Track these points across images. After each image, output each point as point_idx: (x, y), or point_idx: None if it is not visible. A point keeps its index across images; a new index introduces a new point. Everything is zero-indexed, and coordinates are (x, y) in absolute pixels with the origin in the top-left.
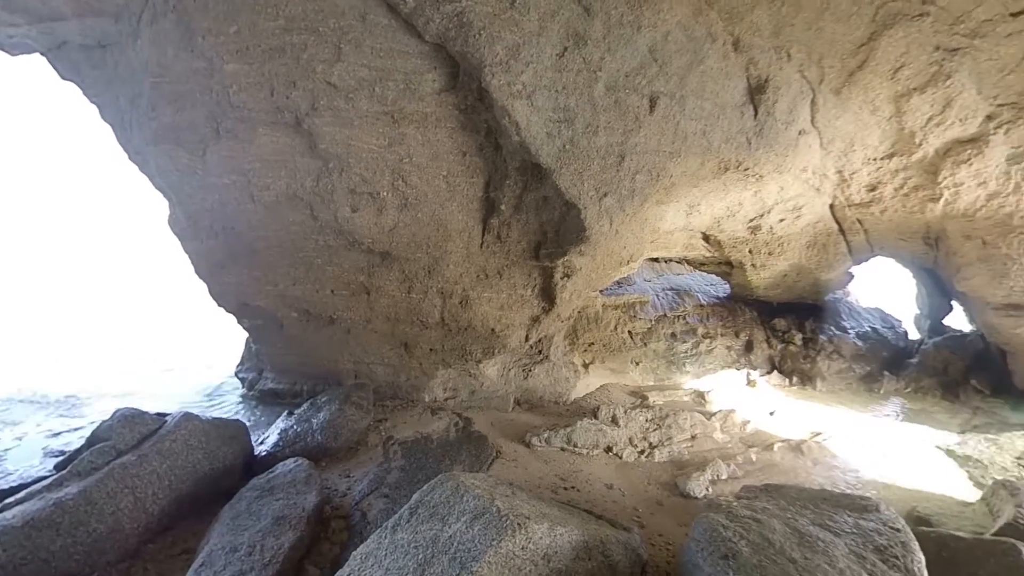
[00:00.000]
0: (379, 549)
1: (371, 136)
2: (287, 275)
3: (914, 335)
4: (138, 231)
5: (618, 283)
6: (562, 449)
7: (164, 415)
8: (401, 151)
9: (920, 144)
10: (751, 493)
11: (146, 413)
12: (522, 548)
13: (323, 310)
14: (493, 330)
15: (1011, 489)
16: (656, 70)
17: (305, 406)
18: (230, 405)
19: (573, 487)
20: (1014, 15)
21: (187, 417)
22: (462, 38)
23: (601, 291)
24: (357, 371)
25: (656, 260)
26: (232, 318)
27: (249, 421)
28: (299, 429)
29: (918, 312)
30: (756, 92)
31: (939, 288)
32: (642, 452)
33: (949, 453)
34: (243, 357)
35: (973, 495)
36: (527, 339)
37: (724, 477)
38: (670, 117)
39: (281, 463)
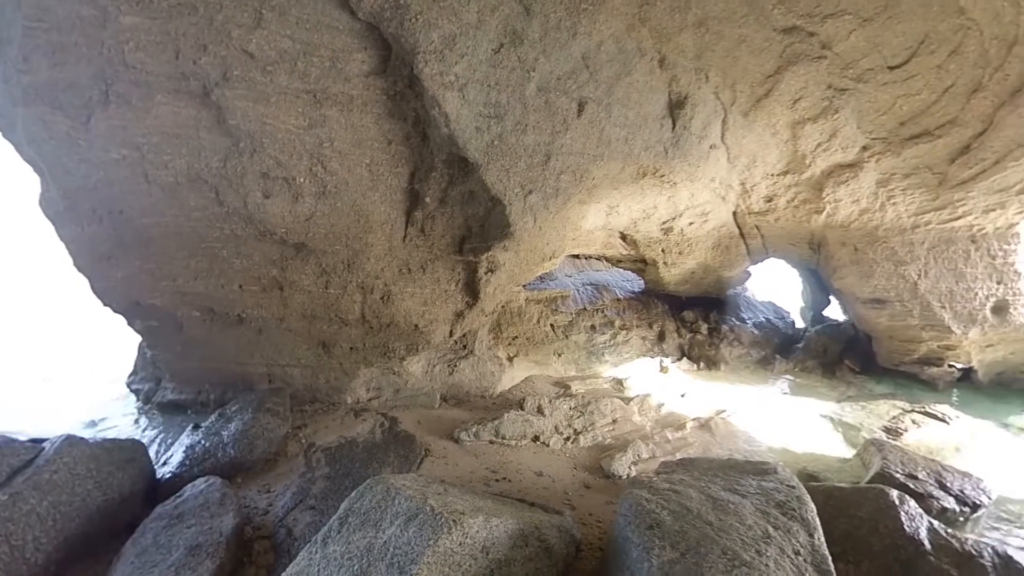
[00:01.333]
0: (310, 566)
1: (289, 115)
2: (187, 268)
3: (800, 324)
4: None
5: (540, 278)
6: (491, 442)
7: (40, 441)
8: (322, 134)
9: (809, 165)
10: (669, 468)
11: (16, 440)
12: (460, 544)
13: (230, 308)
14: (416, 326)
15: (878, 446)
16: (587, 76)
17: (213, 417)
18: (123, 423)
19: (504, 478)
20: (891, 68)
21: (70, 441)
22: (397, 20)
23: (524, 286)
24: (271, 374)
25: (577, 256)
26: (122, 319)
27: (148, 440)
28: (208, 444)
29: (803, 305)
30: (676, 107)
31: (820, 285)
32: (568, 439)
33: (829, 420)
34: (136, 365)
35: (849, 452)
36: (451, 334)
37: (644, 456)
38: (596, 122)
39: (190, 485)
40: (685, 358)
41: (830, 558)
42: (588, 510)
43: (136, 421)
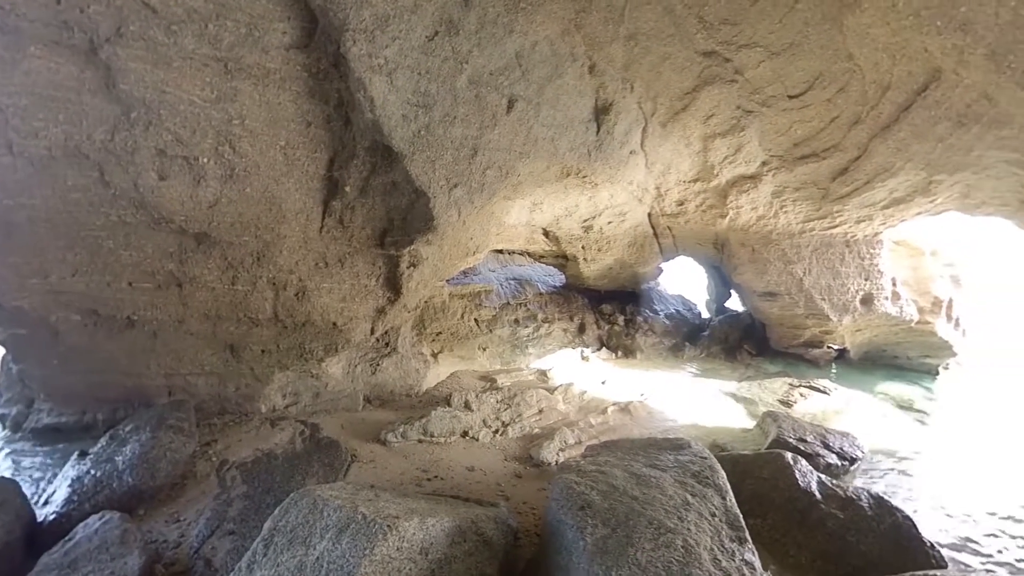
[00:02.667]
0: None
1: (194, 84)
2: (63, 262)
3: (706, 315)
4: None
5: (464, 273)
6: (420, 441)
7: None
8: (231, 110)
9: (717, 175)
10: (594, 451)
11: None
12: (397, 549)
13: (118, 309)
14: (335, 324)
15: (774, 417)
16: (519, 74)
17: (103, 441)
18: None
19: (436, 476)
20: (791, 97)
21: None
22: None
23: (447, 281)
24: (171, 386)
25: (500, 251)
26: None
27: (21, 476)
28: (99, 473)
29: (708, 298)
30: (601, 112)
31: (722, 280)
32: (496, 431)
33: (732, 397)
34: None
35: (750, 424)
36: (373, 332)
37: (571, 442)
38: (525, 120)
39: (81, 524)
40: (604, 348)
41: (741, 516)
42: (522, 499)
43: (4, 454)
